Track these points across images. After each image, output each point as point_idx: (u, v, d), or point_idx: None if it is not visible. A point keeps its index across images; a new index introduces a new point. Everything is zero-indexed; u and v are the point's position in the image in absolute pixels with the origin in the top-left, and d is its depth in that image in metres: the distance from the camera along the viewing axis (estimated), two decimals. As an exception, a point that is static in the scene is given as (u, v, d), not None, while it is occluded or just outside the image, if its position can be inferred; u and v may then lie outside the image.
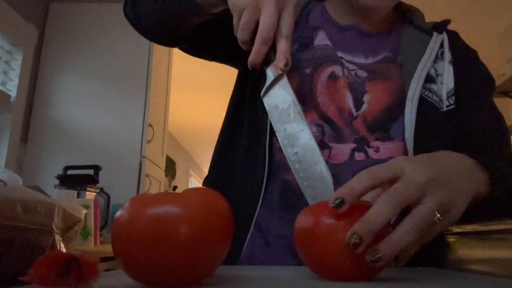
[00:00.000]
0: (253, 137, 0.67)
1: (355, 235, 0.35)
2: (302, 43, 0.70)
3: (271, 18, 0.47)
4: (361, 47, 0.70)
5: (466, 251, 1.82)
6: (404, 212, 0.39)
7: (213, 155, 0.75)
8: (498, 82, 2.79)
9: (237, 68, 0.79)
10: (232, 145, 0.72)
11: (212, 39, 0.73)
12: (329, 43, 0.69)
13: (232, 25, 0.53)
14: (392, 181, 0.40)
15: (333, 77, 0.66)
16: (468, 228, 1.89)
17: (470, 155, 0.49)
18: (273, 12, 0.47)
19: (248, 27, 0.49)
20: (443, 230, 0.43)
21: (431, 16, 0.77)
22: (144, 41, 2.37)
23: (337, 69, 0.66)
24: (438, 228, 0.41)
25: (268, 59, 0.50)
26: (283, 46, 0.49)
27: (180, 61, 3.35)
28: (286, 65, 0.49)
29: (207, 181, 0.74)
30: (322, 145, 0.62)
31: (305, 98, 0.65)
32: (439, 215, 0.38)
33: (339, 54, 0.69)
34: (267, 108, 0.53)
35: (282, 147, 0.51)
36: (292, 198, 0.63)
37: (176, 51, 3.09)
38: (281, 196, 0.63)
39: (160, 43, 0.75)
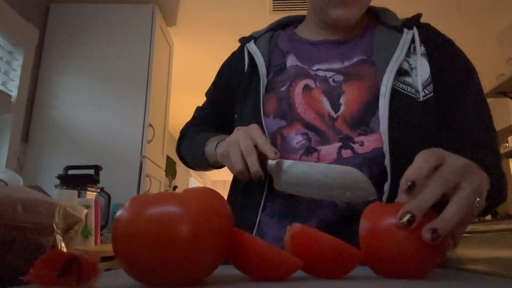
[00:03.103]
0: None
1: (408, 214, 0.39)
2: (277, 70, 0.77)
3: (245, 141, 0.62)
4: (336, 55, 0.74)
5: (466, 251, 1.82)
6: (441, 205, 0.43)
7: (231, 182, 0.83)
8: (497, 82, 2.79)
9: None
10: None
11: None
12: (299, 63, 0.75)
13: None
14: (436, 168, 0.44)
15: (307, 88, 0.71)
16: (468, 228, 1.89)
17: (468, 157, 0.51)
18: (245, 137, 0.62)
19: (237, 159, 0.62)
20: (478, 212, 0.46)
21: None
22: (145, 41, 2.37)
23: (309, 82, 0.72)
24: (476, 210, 0.45)
25: (264, 165, 0.62)
26: (266, 147, 0.61)
27: (180, 61, 3.36)
28: (275, 153, 0.61)
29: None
30: (309, 149, 0.67)
31: (286, 113, 0.70)
32: (478, 199, 0.43)
33: (316, 66, 0.74)
34: (287, 190, 0.62)
35: (331, 199, 0.61)
36: (293, 205, 0.67)
37: (176, 51, 3.09)
38: (283, 206, 0.68)
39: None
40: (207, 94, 0.94)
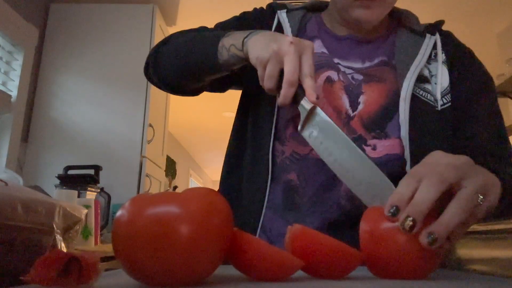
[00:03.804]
0: (257, 144, 0.70)
1: (409, 218, 0.39)
2: None
3: (293, 64, 0.53)
4: (358, 54, 0.73)
5: (466, 251, 1.82)
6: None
7: (222, 170, 0.78)
8: (497, 82, 2.78)
9: (239, 90, 0.83)
10: (238, 159, 0.75)
11: (221, 83, 0.78)
12: (325, 50, 0.73)
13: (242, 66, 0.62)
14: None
15: (329, 81, 0.69)
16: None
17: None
18: (294, 58, 0.54)
19: (273, 76, 0.55)
20: (486, 213, 0.45)
21: (430, 16, 0.77)
22: (145, 41, 2.37)
23: (332, 74, 0.70)
24: (482, 210, 0.43)
25: (296, 97, 0.55)
26: (309, 83, 0.54)
27: (181, 61, 3.35)
28: (317, 98, 0.54)
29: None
30: None
31: None
32: (481, 197, 0.42)
33: (336, 60, 0.72)
34: (309, 141, 0.56)
35: (338, 175, 0.54)
36: (294, 197, 0.66)
37: (176, 51, 3.08)
38: (283, 197, 0.67)
39: (176, 94, 0.80)
40: (218, 24, 0.82)
